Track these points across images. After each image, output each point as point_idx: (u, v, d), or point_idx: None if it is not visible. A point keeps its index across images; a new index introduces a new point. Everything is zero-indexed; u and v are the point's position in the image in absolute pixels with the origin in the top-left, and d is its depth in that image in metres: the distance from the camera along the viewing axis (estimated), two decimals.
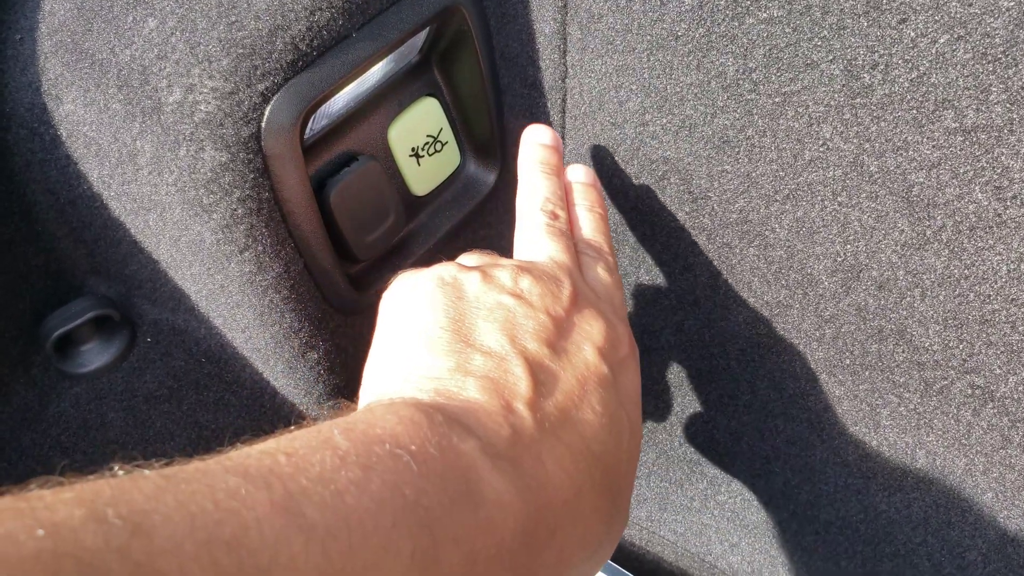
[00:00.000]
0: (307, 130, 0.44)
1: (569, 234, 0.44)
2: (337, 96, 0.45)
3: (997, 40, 0.38)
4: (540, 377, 0.34)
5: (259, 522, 0.22)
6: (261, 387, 0.51)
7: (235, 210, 0.43)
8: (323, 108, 0.45)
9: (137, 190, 0.45)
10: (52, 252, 0.50)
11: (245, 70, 0.41)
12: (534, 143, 0.48)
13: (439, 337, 0.35)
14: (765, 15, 0.43)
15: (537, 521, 0.30)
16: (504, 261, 0.40)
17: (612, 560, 0.62)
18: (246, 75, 0.41)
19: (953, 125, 0.41)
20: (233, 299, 0.47)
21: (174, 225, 0.45)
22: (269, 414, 0.53)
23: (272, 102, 0.42)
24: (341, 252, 0.48)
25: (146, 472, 0.22)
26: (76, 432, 0.51)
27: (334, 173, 0.47)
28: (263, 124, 0.42)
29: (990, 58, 0.38)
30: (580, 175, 0.48)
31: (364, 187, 0.48)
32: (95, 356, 0.51)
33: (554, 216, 0.44)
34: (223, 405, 0.52)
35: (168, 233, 0.46)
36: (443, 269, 0.38)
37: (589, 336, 0.37)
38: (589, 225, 0.46)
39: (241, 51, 0.41)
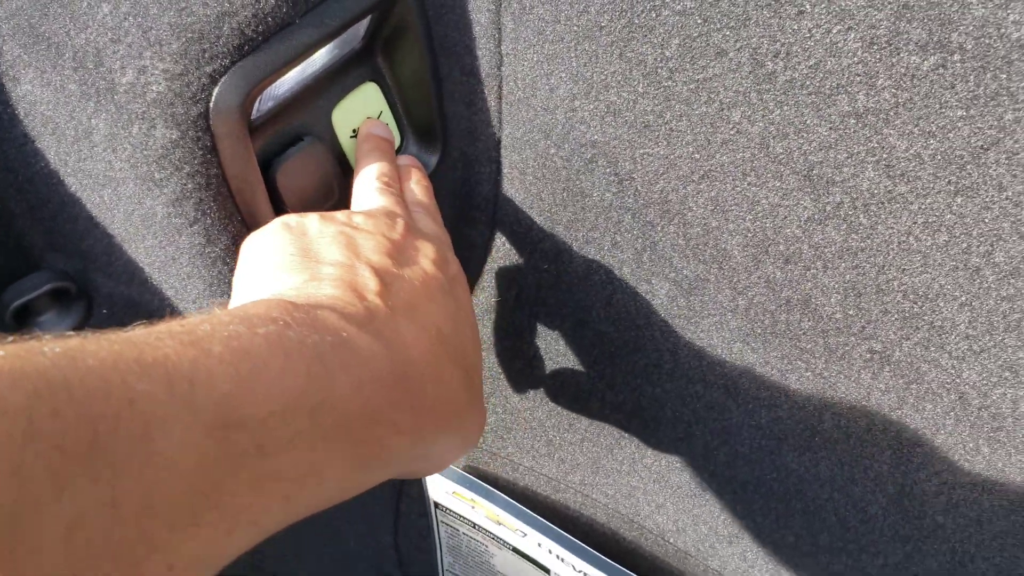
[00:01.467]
0: (254, 111, 0.46)
1: (400, 195, 0.50)
2: (283, 79, 0.47)
3: (881, 31, 0.40)
4: (386, 279, 0.38)
5: (176, 352, 0.24)
6: None
7: (185, 185, 0.44)
8: (269, 90, 0.46)
9: (92, 167, 0.46)
10: (10, 228, 0.51)
11: (194, 53, 0.42)
12: (370, 134, 0.53)
13: (291, 260, 0.38)
14: (679, 7, 0.45)
15: (407, 370, 0.34)
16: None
17: (549, 521, 0.64)
18: (195, 58, 0.42)
19: (847, 108, 0.43)
20: (184, 271, 0.48)
21: (127, 200, 0.46)
22: None
23: (220, 83, 0.43)
24: None
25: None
26: None
27: (280, 152, 0.49)
28: (211, 104, 0.43)
29: (876, 47, 0.41)
30: (406, 160, 0.54)
31: (308, 165, 0.50)
32: (52, 326, 0.52)
33: (387, 183, 0.49)
34: None
35: (122, 208, 0.47)
36: (286, 217, 0.42)
37: (424, 253, 0.42)
38: (417, 191, 0.51)
39: (190, 35, 0.42)
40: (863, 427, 0.53)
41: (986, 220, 0.43)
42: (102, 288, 0.53)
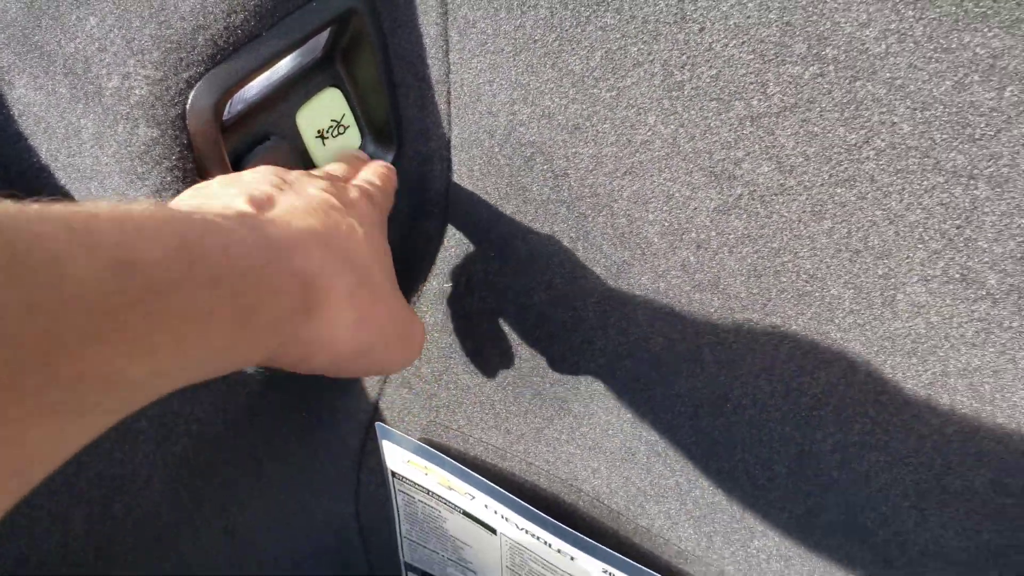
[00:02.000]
0: (226, 112, 0.51)
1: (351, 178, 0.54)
2: (251, 84, 0.52)
3: (769, 45, 0.46)
4: (276, 194, 0.43)
5: (72, 210, 0.28)
6: None
7: (164, 178, 0.49)
8: (239, 94, 0.51)
9: (80, 162, 0.51)
10: None
11: (172, 61, 0.47)
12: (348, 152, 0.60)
13: (208, 186, 0.45)
14: (601, 23, 0.51)
15: (277, 253, 0.39)
16: None
17: (499, 486, 0.70)
18: (173, 65, 0.47)
19: (743, 112, 0.49)
20: None
21: (112, 191, 0.51)
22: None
23: (195, 88, 0.48)
24: None
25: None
26: None
27: (249, 150, 0.54)
28: (188, 106, 0.48)
29: (766, 59, 0.47)
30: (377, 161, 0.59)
31: (275, 162, 0.55)
32: None
33: (338, 170, 0.54)
34: None
35: (105, 200, 0.52)
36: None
37: (320, 185, 0.47)
38: (369, 174, 0.55)
39: (169, 45, 0.47)
40: (767, 393, 0.59)
41: (862, 208, 0.49)
42: None
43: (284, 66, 0.54)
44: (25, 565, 0.59)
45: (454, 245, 0.69)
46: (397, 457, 0.72)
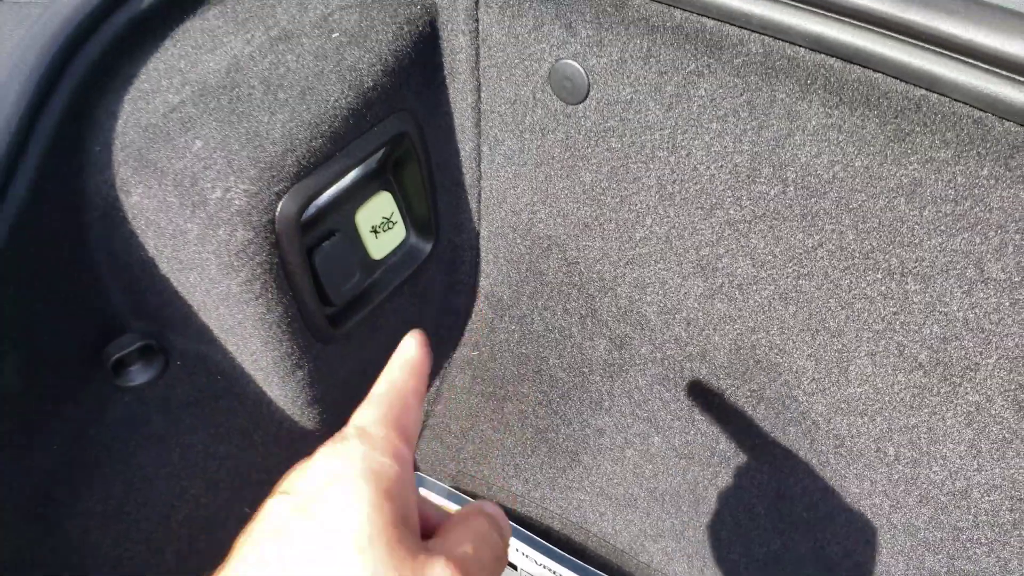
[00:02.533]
0: (303, 215, 0.62)
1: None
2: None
3: (742, 168, 0.58)
4: None
5: None
6: (261, 397, 0.68)
7: (255, 270, 0.60)
8: (314, 200, 0.62)
9: (184, 256, 0.61)
10: (109, 300, 0.66)
11: (266, 178, 0.58)
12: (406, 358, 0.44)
13: None
14: (608, 145, 0.63)
15: None
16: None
17: (519, 527, 0.79)
18: (267, 181, 0.58)
19: (723, 218, 0.61)
20: (247, 332, 0.63)
21: (209, 280, 0.61)
22: (266, 418, 0.69)
23: (283, 199, 0.59)
24: (322, 298, 0.66)
25: None
26: (127, 428, 0.67)
27: (319, 244, 0.65)
28: (276, 213, 0.59)
29: (740, 178, 0.58)
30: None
31: (339, 253, 0.66)
32: (140, 374, 0.67)
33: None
34: (233, 410, 0.69)
35: (203, 286, 0.62)
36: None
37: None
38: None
39: (263, 165, 0.59)
40: (748, 446, 0.69)
41: (819, 297, 0.60)
42: (177, 345, 0.68)
43: (349, 176, 0.66)
44: None
45: (481, 319, 0.79)
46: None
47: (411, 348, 0.43)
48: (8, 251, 0.56)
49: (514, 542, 0.79)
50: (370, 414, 0.39)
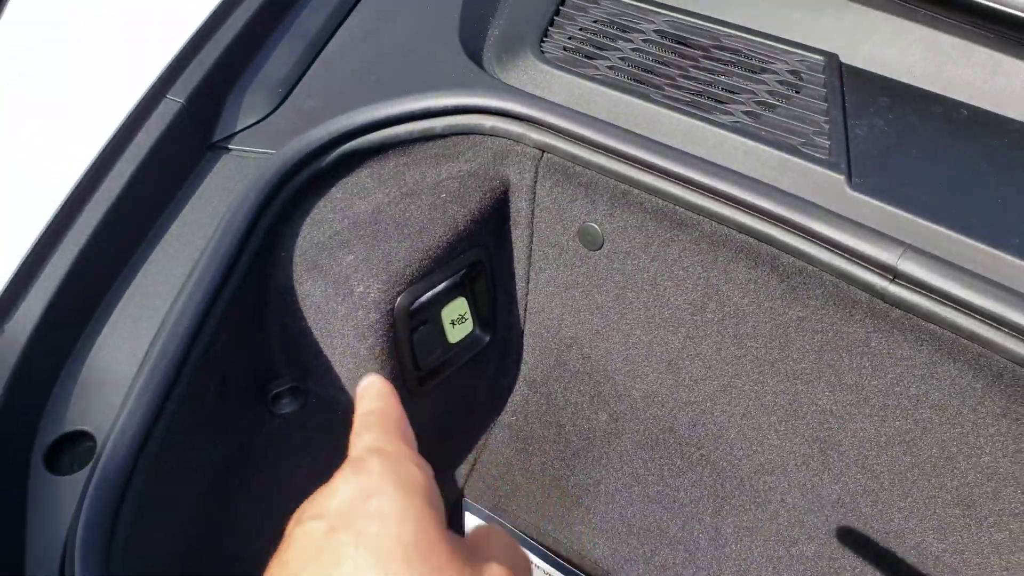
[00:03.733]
0: (411, 307, 0.93)
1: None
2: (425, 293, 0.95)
3: (696, 301, 0.88)
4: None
5: None
6: None
7: (377, 340, 0.90)
8: (419, 298, 0.94)
9: (331, 328, 0.92)
10: (273, 353, 0.97)
11: (392, 282, 0.90)
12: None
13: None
14: (613, 280, 0.93)
15: None
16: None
17: (537, 547, 1.06)
18: (392, 284, 0.90)
19: (684, 334, 0.90)
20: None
21: (345, 345, 0.92)
22: None
23: (400, 296, 0.90)
24: (415, 365, 0.96)
25: None
26: (276, 443, 0.97)
27: (417, 328, 0.95)
28: (395, 305, 0.90)
29: (694, 308, 0.88)
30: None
31: (428, 336, 0.97)
32: (288, 406, 0.98)
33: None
34: (346, 437, 0.98)
35: (340, 349, 0.93)
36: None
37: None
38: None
39: (390, 274, 0.90)
40: (697, 497, 0.96)
41: (745, 391, 0.88)
42: (315, 390, 0.99)
43: (440, 285, 0.97)
44: None
45: (519, 393, 1.09)
46: (473, 523, 1.09)
47: (375, 381, 0.46)
48: (224, 316, 0.88)
49: (535, 560, 1.06)
50: (375, 436, 0.40)
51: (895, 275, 0.74)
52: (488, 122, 0.93)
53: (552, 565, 1.04)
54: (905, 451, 0.80)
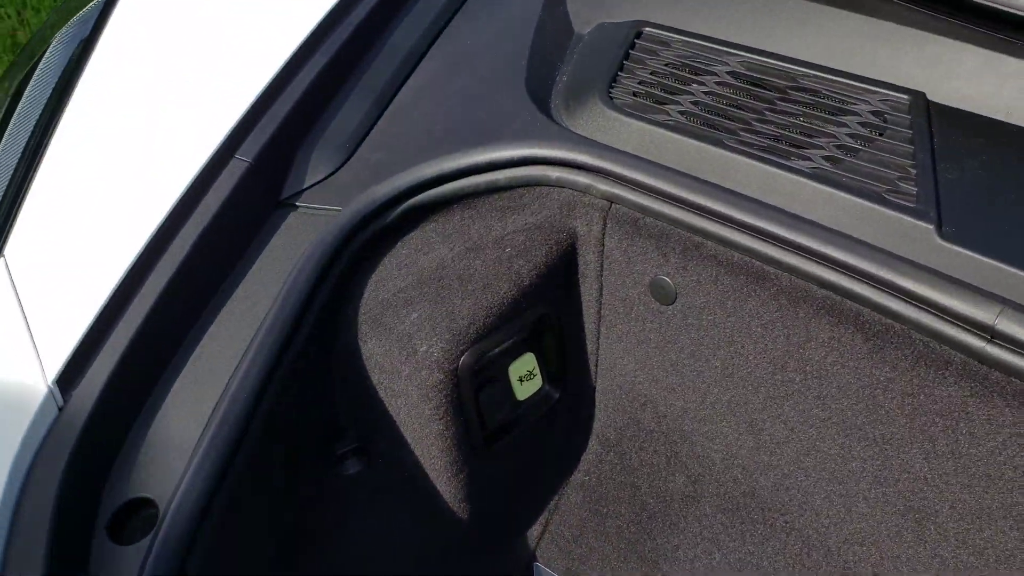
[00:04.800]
0: (476, 365, 0.91)
1: None
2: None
3: (776, 360, 0.83)
4: None
5: None
6: (433, 490, 0.96)
7: (442, 400, 0.89)
8: (484, 356, 0.92)
9: (395, 387, 0.91)
10: (337, 412, 0.96)
11: (455, 340, 0.88)
12: None
13: None
14: (688, 336, 0.89)
15: None
16: None
17: None
18: (456, 343, 0.88)
19: (765, 394, 0.85)
20: (430, 442, 0.92)
21: (410, 405, 0.91)
22: (434, 506, 0.97)
23: (465, 355, 0.88)
24: (481, 424, 0.94)
25: None
26: (342, 506, 0.96)
27: (483, 386, 0.93)
28: (460, 364, 0.88)
29: (774, 366, 0.84)
30: None
31: (496, 394, 0.94)
32: (352, 466, 0.97)
33: None
34: (413, 499, 0.97)
35: (405, 409, 0.91)
36: None
37: None
38: None
39: (454, 332, 0.88)
40: (782, 566, 0.91)
41: (831, 455, 0.83)
42: (380, 448, 0.97)
43: (506, 342, 0.95)
44: None
45: (592, 452, 1.05)
46: None
47: None
48: (289, 376, 0.87)
49: None
50: None
51: (993, 335, 0.68)
52: (554, 173, 0.91)
53: None
54: (1012, 526, 0.74)
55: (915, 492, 0.78)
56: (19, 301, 0.86)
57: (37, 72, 1.13)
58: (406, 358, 0.88)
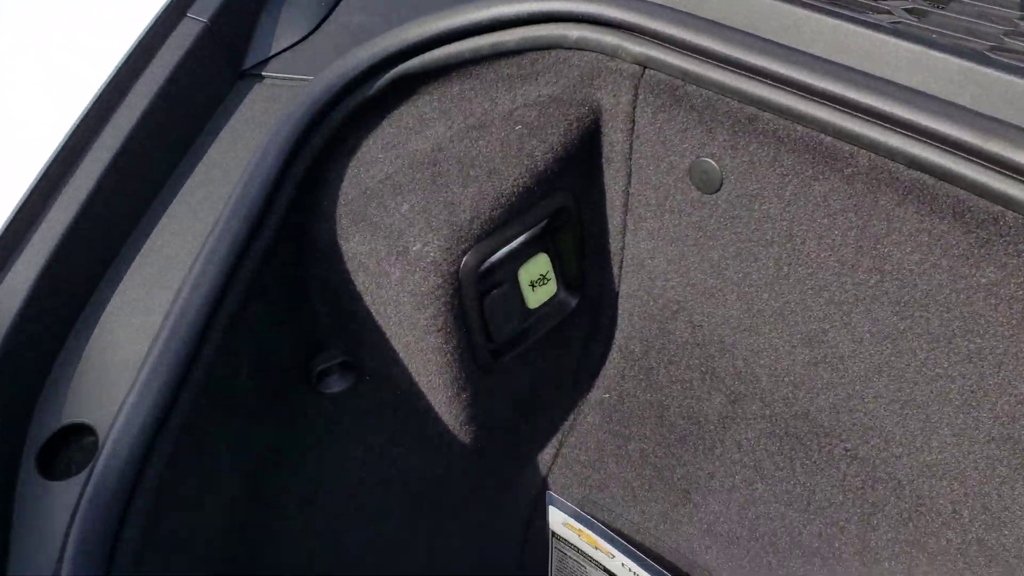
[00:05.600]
0: (480, 268, 0.77)
1: None
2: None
3: (846, 257, 0.69)
4: None
5: None
6: (430, 412, 0.83)
7: (440, 309, 0.75)
8: (490, 257, 0.77)
9: (384, 294, 0.77)
10: (318, 322, 0.82)
11: (456, 237, 0.73)
12: None
13: None
14: (734, 230, 0.75)
15: None
16: None
17: (631, 548, 0.91)
18: (456, 240, 0.73)
19: (828, 298, 0.71)
20: (426, 357, 0.78)
21: (402, 314, 0.77)
22: (432, 430, 0.84)
23: (467, 255, 0.74)
24: (487, 336, 0.80)
25: None
26: (324, 426, 0.83)
27: (489, 292, 0.79)
28: (461, 265, 0.74)
29: (844, 264, 0.69)
30: None
31: (503, 301, 0.80)
32: (337, 384, 0.84)
33: None
34: (408, 420, 0.84)
35: (397, 318, 0.78)
36: None
37: None
38: None
39: (454, 227, 0.74)
40: (840, 500, 0.79)
41: (907, 373, 0.70)
42: (368, 364, 0.84)
43: (516, 239, 0.80)
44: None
45: (613, 367, 0.92)
46: (558, 520, 0.94)
47: None
48: (255, 278, 0.73)
49: (630, 563, 0.91)
50: None
51: None
52: (574, 32, 0.75)
53: (649, 572, 0.88)
54: None
55: (1015, 418, 0.65)
56: None
57: None
58: (396, 258, 0.74)
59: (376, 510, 0.88)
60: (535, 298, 0.84)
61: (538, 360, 0.88)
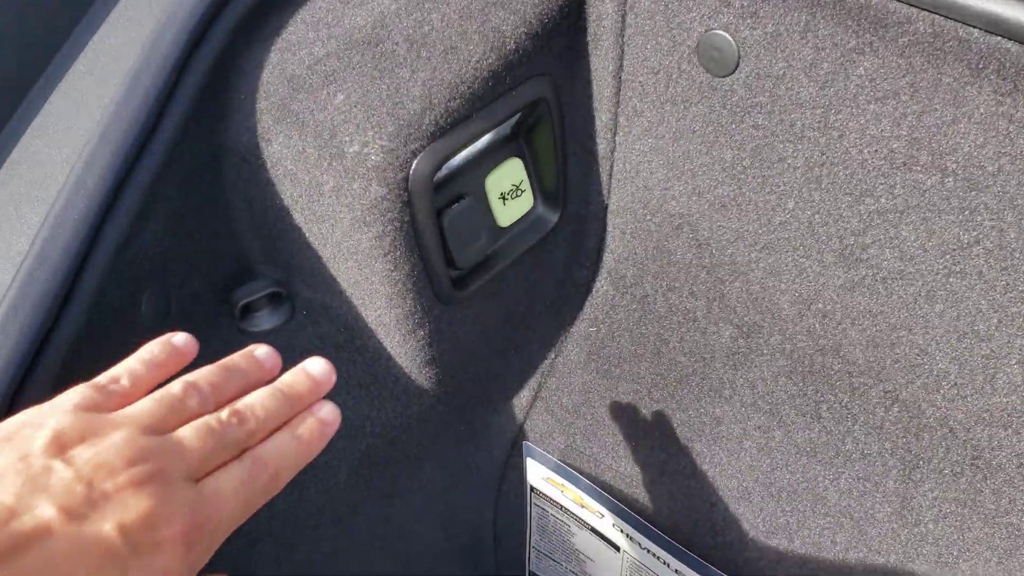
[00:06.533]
0: (436, 175, 0.62)
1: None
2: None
3: (899, 153, 0.55)
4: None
5: None
6: (381, 352, 0.69)
7: (386, 226, 0.61)
8: (448, 160, 0.63)
9: (318, 208, 0.63)
10: (240, 245, 0.68)
11: (403, 135, 0.59)
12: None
13: None
14: (754, 122, 0.61)
15: None
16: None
17: (622, 506, 0.79)
18: (403, 139, 0.59)
19: (872, 207, 0.58)
20: (373, 287, 0.65)
21: (341, 233, 0.63)
22: (384, 373, 0.71)
23: (418, 157, 0.59)
24: (448, 260, 0.66)
25: None
26: None
27: (449, 206, 0.65)
28: (411, 171, 0.60)
29: (895, 165, 0.55)
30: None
31: (467, 217, 0.66)
32: (266, 320, 0.70)
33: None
34: (353, 362, 0.70)
35: (334, 239, 0.64)
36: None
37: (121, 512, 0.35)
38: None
39: (401, 123, 0.59)
40: (876, 449, 0.66)
41: (971, 297, 0.56)
42: (303, 295, 0.70)
43: (482, 140, 0.66)
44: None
45: (601, 295, 0.79)
46: (537, 474, 0.82)
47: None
48: (153, 187, 0.59)
49: (620, 522, 0.79)
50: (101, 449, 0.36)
51: None
52: None
53: (643, 532, 0.76)
54: None
55: None
56: None
57: None
58: (329, 163, 0.60)
59: (321, 467, 0.75)
60: (506, 214, 0.70)
61: (512, 288, 0.74)
